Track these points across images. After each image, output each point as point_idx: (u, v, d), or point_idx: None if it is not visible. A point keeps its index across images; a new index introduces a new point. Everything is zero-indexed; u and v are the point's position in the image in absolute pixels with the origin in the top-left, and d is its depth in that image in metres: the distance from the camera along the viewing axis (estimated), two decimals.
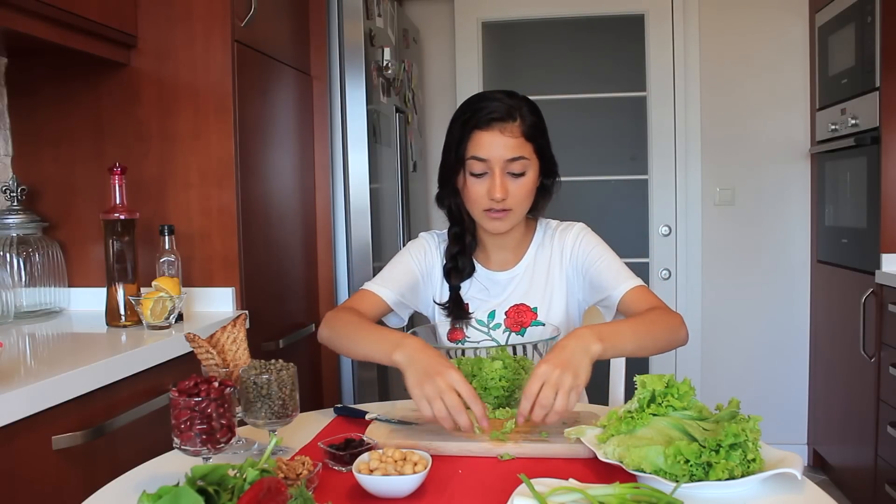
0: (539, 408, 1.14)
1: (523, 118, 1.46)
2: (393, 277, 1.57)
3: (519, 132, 1.45)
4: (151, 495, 0.73)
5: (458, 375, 1.16)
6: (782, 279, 3.48)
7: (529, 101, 1.51)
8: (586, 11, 3.53)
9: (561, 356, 1.18)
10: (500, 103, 1.46)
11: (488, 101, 1.47)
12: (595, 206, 3.57)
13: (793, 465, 0.99)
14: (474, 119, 1.46)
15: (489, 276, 1.59)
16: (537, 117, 1.50)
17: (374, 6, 2.63)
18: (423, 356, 1.20)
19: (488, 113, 1.45)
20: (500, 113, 1.45)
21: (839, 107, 2.96)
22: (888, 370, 2.53)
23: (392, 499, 0.99)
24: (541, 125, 1.50)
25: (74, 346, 1.64)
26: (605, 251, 1.55)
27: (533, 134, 1.47)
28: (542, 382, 1.15)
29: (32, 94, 2.00)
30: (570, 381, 1.15)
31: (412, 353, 1.21)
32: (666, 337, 1.41)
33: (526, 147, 1.46)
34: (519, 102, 1.48)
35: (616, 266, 1.52)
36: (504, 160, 1.45)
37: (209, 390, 1.00)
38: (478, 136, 1.46)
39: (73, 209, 2.00)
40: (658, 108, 3.49)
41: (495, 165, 1.45)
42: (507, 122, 1.45)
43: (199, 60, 1.92)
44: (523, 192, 1.48)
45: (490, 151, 1.45)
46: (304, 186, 2.44)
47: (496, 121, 1.45)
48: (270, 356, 1.24)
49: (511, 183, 1.47)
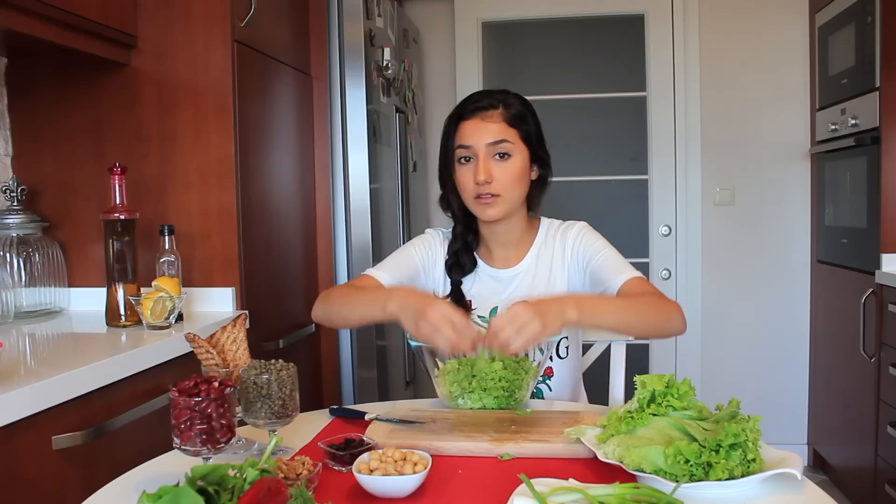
0: (496, 340, 1.23)
1: (507, 106, 1.52)
2: (394, 264, 1.61)
3: (501, 118, 1.51)
4: (151, 495, 0.73)
5: (445, 307, 1.25)
6: (782, 279, 3.48)
7: (518, 95, 1.57)
8: (586, 11, 3.53)
9: (538, 307, 1.26)
10: (486, 96, 1.54)
11: (475, 96, 1.56)
12: (595, 206, 3.57)
13: (793, 465, 0.99)
14: (459, 111, 1.54)
15: (492, 273, 1.61)
16: (523, 107, 1.55)
17: (374, 6, 2.63)
18: (411, 297, 1.31)
19: (472, 104, 1.53)
20: (483, 103, 1.52)
21: (839, 107, 2.96)
22: (888, 370, 2.53)
23: (392, 499, 0.99)
24: (526, 114, 1.55)
25: (74, 346, 1.64)
26: (606, 246, 1.57)
27: (516, 121, 1.52)
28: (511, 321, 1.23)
29: (32, 94, 2.00)
30: (535, 330, 1.23)
31: (402, 299, 1.31)
32: (656, 320, 1.42)
33: (509, 132, 1.51)
34: (504, 94, 1.56)
35: (616, 259, 1.54)
36: (486, 143, 1.50)
37: (209, 390, 1.00)
38: (462, 126, 1.53)
39: (73, 209, 2.00)
40: (658, 108, 3.49)
41: (479, 150, 1.50)
42: (490, 110, 1.52)
43: (198, 60, 1.92)
44: (509, 175, 1.51)
45: (472, 138, 1.51)
46: (304, 186, 2.44)
47: (479, 110, 1.52)
48: (270, 356, 1.24)
49: (496, 167, 1.50)
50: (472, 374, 1.31)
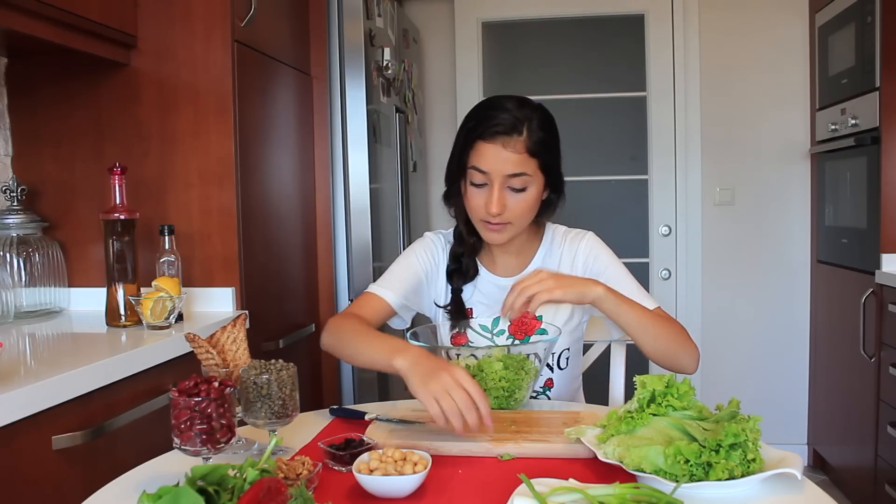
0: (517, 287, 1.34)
1: (530, 132, 1.41)
2: (397, 279, 1.56)
3: (523, 147, 1.40)
4: (151, 495, 0.73)
5: (463, 372, 1.16)
6: (782, 279, 3.48)
7: (542, 112, 1.46)
8: (586, 11, 3.53)
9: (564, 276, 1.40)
10: (508, 114, 1.41)
11: (496, 111, 1.43)
12: (595, 206, 3.57)
13: (793, 465, 0.99)
14: (479, 129, 1.42)
15: (495, 281, 1.58)
16: (545, 132, 1.44)
17: (374, 6, 2.63)
18: (425, 359, 1.21)
19: (494, 125, 1.41)
20: (505, 126, 1.40)
21: (839, 107, 2.96)
22: (888, 370, 2.53)
23: (392, 499, 0.99)
24: (548, 140, 1.45)
25: (74, 346, 1.64)
26: (623, 271, 1.54)
27: (538, 149, 1.42)
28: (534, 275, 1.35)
29: (32, 94, 2.00)
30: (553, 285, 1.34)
31: (414, 358, 1.21)
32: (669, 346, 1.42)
33: (529, 163, 1.42)
34: (528, 114, 1.43)
35: (635, 287, 1.51)
36: (504, 175, 1.41)
37: (209, 390, 1.00)
38: (480, 146, 1.42)
39: (73, 209, 2.00)
40: (658, 108, 3.49)
41: (495, 179, 1.42)
42: (512, 136, 1.40)
43: (199, 60, 1.92)
44: (522, 207, 1.45)
45: (490, 164, 1.41)
46: (304, 186, 2.44)
47: (500, 134, 1.40)
48: (270, 356, 1.24)
49: (510, 197, 1.43)
50: (472, 375, 1.31)
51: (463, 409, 1.12)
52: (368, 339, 1.36)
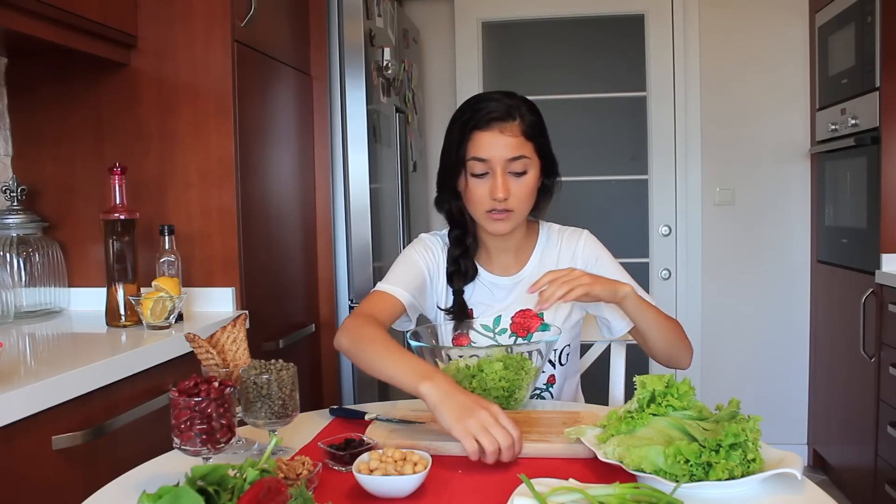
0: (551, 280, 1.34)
1: (522, 117, 1.46)
2: (405, 278, 1.54)
3: (519, 131, 1.45)
4: (151, 495, 0.73)
5: (498, 408, 1.13)
6: (782, 279, 3.48)
7: (528, 101, 1.51)
8: (586, 11, 3.53)
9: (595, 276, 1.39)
10: (499, 103, 1.46)
11: (487, 102, 1.47)
12: (595, 206, 3.57)
13: (793, 465, 0.99)
14: (473, 119, 1.46)
15: (493, 280, 1.58)
16: (536, 116, 1.50)
17: (374, 6, 2.63)
18: (456, 392, 1.16)
19: (487, 113, 1.45)
20: (499, 112, 1.45)
21: (839, 107, 2.96)
22: (888, 370, 2.53)
23: (392, 499, 0.99)
24: (540, 124, 1.50)
25: (74, 346, 1.64)
26: (622, 269, 1.57)
27: (533, 133, 1.47)
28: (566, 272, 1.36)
29: (32, 94, 2.00)
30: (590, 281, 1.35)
31: (444, 390, 1.16)
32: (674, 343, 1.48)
33: (526, 146, 1.46)
34: (517, 102, 1.48)
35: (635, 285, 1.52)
36: (505, 160, 1.44)
37: (209, 390, 1.00)
38: (478, 136, 1.45)
39: (73, 209, 2.00)
40: (658, 108, 3.49)
41: (496, 165, 1.45)
42: (507, 122, 1.45)
43: (198, 60, 1.92)
44: (525, 191, 1.48)
45: (490, 151, 1.44)
46: (304, 186, 2.44)
47: (496, 120, 1.44)
48: (270, 356, 1.24)
49: (513, 183, 1.46)
50: (472, 375, 1.31)
51: (503, 449, 1.08)
52: (393, 355, 1.29)
